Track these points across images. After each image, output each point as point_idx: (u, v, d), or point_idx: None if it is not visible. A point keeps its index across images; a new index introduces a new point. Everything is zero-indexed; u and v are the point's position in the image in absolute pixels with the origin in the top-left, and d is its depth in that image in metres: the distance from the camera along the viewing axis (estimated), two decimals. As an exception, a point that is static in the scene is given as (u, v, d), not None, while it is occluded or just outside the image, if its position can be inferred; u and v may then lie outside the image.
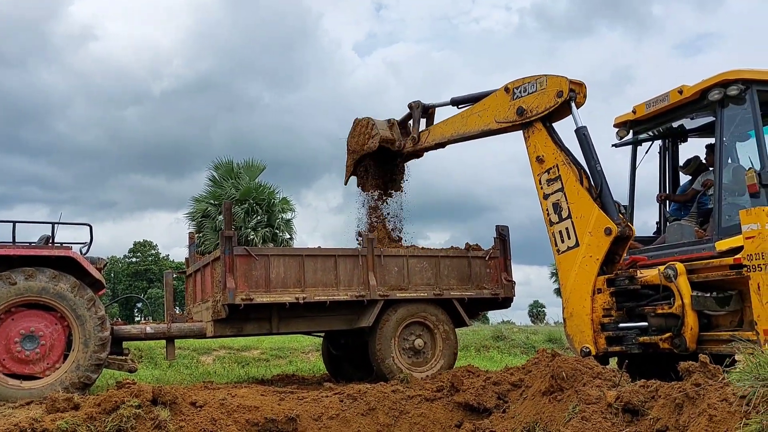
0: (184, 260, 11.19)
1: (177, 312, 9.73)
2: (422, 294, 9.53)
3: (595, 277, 7.43)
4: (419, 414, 7.21)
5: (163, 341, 9.12)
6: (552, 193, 7.66)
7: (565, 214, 7.20)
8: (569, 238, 7.05)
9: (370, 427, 6.82)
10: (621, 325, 7.37)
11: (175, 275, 10.10)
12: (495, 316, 32.53)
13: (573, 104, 7.78)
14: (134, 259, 64.85)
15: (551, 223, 7.11)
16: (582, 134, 7.73)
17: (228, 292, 8.18)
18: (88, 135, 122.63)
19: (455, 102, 9.34)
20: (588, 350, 7.10)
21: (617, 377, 6.19)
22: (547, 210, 7.62)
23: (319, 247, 9.35)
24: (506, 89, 8.29)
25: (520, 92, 8.09)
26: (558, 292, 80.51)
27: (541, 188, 7.76)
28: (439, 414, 7.21)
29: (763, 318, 6.33)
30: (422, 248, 9.93)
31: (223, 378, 10.67)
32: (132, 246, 66.09)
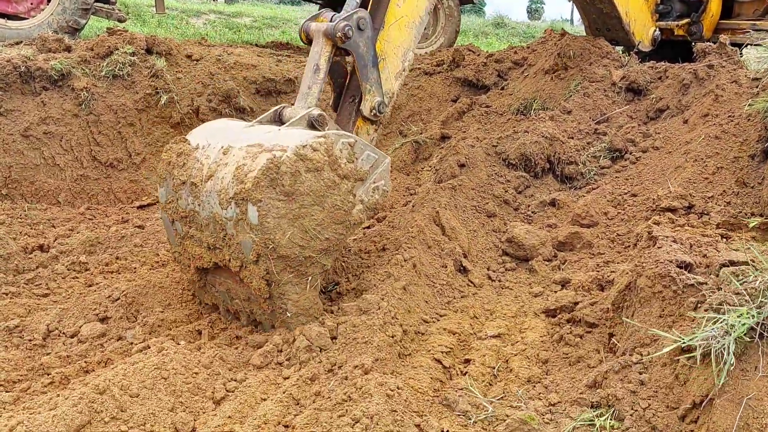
0: None
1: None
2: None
3: None
4: (417, 87, 7.16)
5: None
6: None
7: None
8: None
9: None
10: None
11: None
12: (491, 6, 31.11)
13: None
14: None
15: None
16: None
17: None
18: None
19: None
20: (659, 35, 6.37)
21: (626, 59, 6.04)
22: None
23: None
24: None
25: None
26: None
27: None
28: (437, 88, 7.15)
29: (791, 7, 5.98)
30: None
31: (216, 40, 10.35)
32: None
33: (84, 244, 4.28)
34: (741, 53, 5.56)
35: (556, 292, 3.60)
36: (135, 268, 4.10)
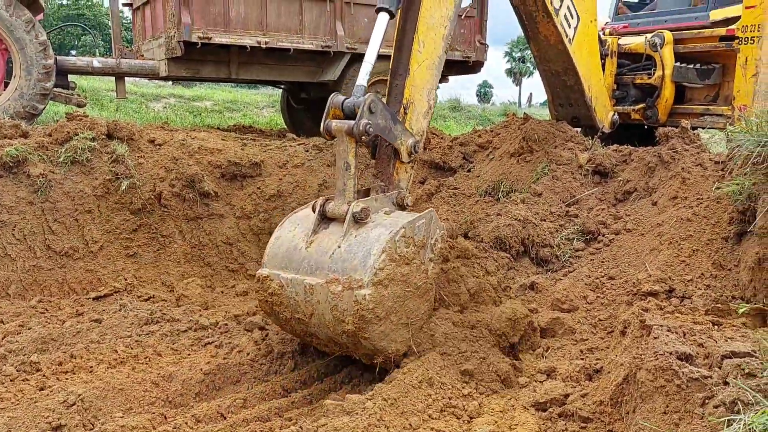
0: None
1: (127, 48, 8.97)
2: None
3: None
4: (384, 167, 7.15)
5: (110, 83, 8.53)
6: None
7: None
8: (572, 17, 5.76)
9: (335, 177, 6.73)
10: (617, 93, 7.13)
11: (122, 3, 9.14)
12: (443, 92, 32.16)
13: None
14: (64, 1, 59.91)
15: (555, 12, 5.66)
16: None
17: (183, 28, 7.47)
18: None
19: None
20: (617, 119, 6.54)
21: (590, 142, 6.16)
22: None
23: (284, -14, 8.51)
24: None
25: None
26: (510, 72, 79.88)
27: None
28: (403, 170, 7.15)
29: (742, 93, 6.24)
30: (396, -1, 9.18)
31: (178, 124, 10.29)
32: (60, -13, 60.59)
33: (35, 341, 3.97)
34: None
35: (542, 382, 3.45)
36: (92, 367, 3.80)
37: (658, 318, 2.91)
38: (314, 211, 3.50)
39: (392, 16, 3.81)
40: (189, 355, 4.07)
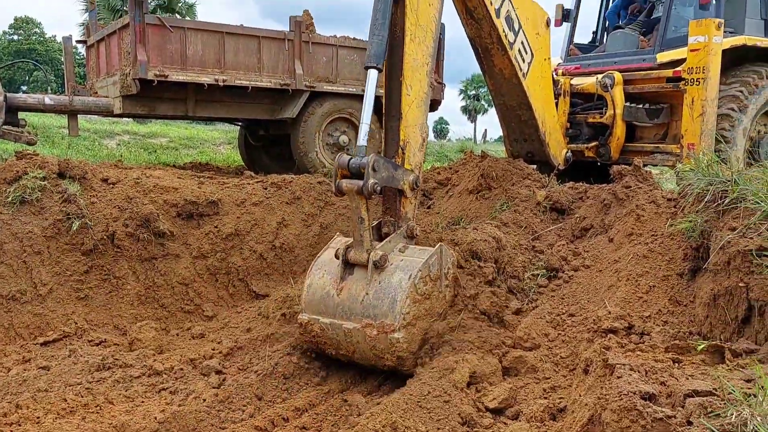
0: (83, 28, 9.96)
1: (80, 85, 8.81)
2: (351, 89, 9.08)
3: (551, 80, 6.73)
4: (344, 206, 7.12)
5: (62, 120, 8.35)
6: (501, 5, 5.93)
7: (516, 26, 5.94)
8: (526, 53, 5.97)
9: (294, 215, 6.67)
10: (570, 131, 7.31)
11: (75, 42, 9.00)
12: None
13: None
14: (16, 37, 58.94)
15: (510, 45, 5.76)
16: None
17: (139, 66, 7.39)
18: None
19: None
20: (570, 156, 6.69)
21: (546, 180, 6.28)
22: (503, 31, 5.86)
23: (242, 25, 8.52)
24: None
25: None
26: (465, 110, 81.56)
27: (491, 3, 5.78)
28: (362, 207, 7.14)
29: (690, 132, 6.46)
30: (354, 39, 9.30)
31: (133, 162, 10.10)
32: (12, 22, 59.71)
33: (-22, 392, 3.76)
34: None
35: (508, 424, 3.41)
36: (39, 417, 3.61)
37: (620, 356, 2.92)
38: (337, 258, 3.93)
39: (380, 71, 3.99)
40: (143, 402, 3.91)
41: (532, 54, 5.96)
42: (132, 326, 5.47)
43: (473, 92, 74.70)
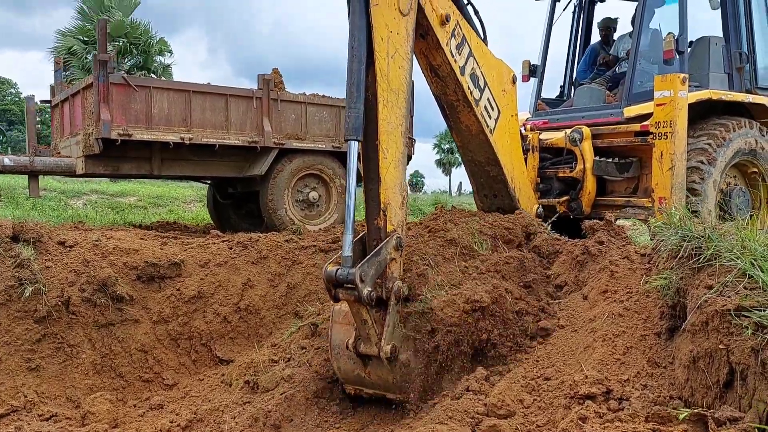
0: (49, 88, 9.82)
1: (41, 145, 8.61)
2: (320, 145, 9.02)
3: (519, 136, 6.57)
4: (312, 264, 6.92)
5: (26, 179, 8.11)
6: (466, 63, 5.75)
7: (482, 83, 5.81)
8: (492, 109, 5.86)
9: (260, 275, 6.45)
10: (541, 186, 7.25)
11: (39, 102, 8.84)
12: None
13: None
14: (-9, 96, 58.73)
15: (476, 102, 5.65)
16: None
17: (102, 125, 7.23)
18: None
19: None
20: (542, 211, 6.53)
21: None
22: (468, 88, 5.69)
23: (209, 83, 8.45)
24: None
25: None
26: (440, 163, 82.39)
27: (455, 62, 5.62)
28: (332, 265, 6.94)
29: (660, 185, 6.43)
30: (323, 96, 9.28)
31: (98, 222, 9.83)
32: (-13, 82, 59.58)
33: None
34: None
35: (483, 502, 3.17)
36: None
37: (598, 428, 2.73)
38: (348, 349, 4.20)
39: (360, 141, 4.08)
40: (88, 487, 3.60)
41: (498, 110, 5.91)
42: (86, 398, 5.17)
43: (447, 146, 75.67)
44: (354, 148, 4.01)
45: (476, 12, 5.80)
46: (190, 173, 8.70)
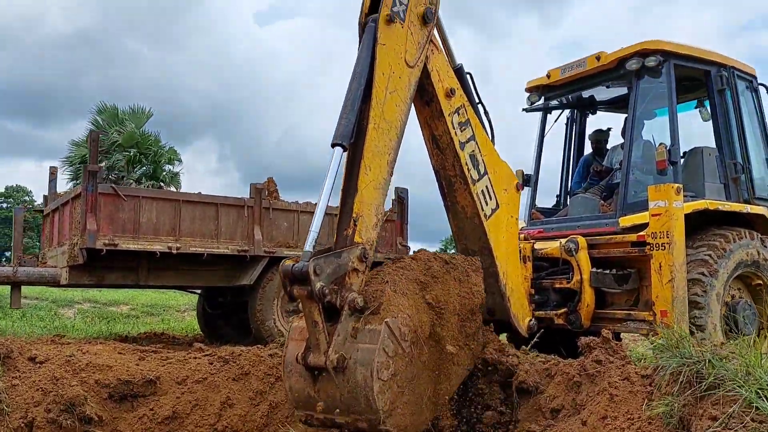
0: (42, 198, 9.82)
1: (28, 255, 8.47)
2: (312, 253, 8.83)
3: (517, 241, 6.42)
4: (298, 381, 6.56)
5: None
6: (467, 141, 5.76)
7: (482, 169, 5.77)
8: (491, 199, 5.78)
9: (241, 393, 6.08)
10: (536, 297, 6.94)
11: (29, 209, 8.78)
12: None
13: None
14: (5, 205, 60.06)
15: (473, 181, 5.61)
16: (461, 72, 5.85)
17: (88, 235, 7.12)
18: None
19: None
20: (535, 324, 6.25)
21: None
22: (466, 164, 5.69)
23: (200, 193, 8.41)
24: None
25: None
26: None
27: (456, 135, 5.61)
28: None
29: (661, 298, 6.15)
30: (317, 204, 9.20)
31: (83, 333, 9.52)
32: (3, 190, 61.21)
33: None
34: (619, 340, 5.49)
35: None
36: None
37: None
38: (299, 362, 3.97)
39: (345, 149, 4.13)
40: None
41: (497, 204, 5.81)
42: None
43: (452, 250, 75.95)
44: (337, 155, 4.05)
45: (486, 113, 5.94)
46: (178, 282, 8.49)
